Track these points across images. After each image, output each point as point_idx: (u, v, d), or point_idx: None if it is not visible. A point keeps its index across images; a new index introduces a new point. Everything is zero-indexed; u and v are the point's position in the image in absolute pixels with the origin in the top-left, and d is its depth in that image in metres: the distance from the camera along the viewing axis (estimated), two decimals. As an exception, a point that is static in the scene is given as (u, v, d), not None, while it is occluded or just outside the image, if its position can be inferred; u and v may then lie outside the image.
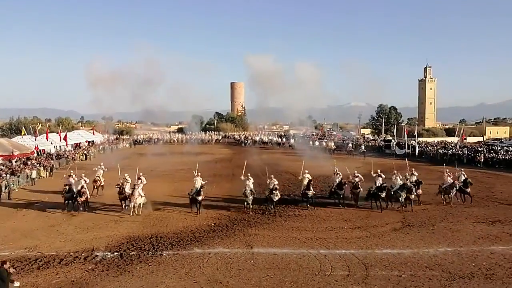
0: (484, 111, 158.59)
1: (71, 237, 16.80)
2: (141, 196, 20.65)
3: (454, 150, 50.49)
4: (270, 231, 17.41)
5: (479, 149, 51.63)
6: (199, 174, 22.15)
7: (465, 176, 23.28)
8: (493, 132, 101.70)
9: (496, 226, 18.19)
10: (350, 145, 59.91)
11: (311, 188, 22.41)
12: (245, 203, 21.10)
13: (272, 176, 22.78)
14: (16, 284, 10.70)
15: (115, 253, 14.66)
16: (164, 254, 14.60)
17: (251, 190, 21.26)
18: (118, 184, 21.57)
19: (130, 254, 14.60)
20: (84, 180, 22.27)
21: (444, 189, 22.85)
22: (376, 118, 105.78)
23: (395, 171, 23.29)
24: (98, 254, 14.61)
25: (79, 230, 17.74)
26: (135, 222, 18.91)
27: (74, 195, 21.22)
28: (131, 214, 20.08)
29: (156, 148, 68.39)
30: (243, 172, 22.93)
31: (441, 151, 50.88)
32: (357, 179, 22.88)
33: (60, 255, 14.49)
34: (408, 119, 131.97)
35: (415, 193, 21.76)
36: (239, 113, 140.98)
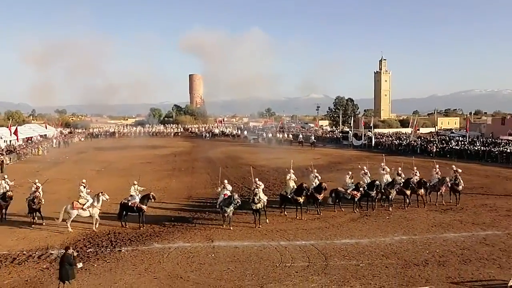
0: (435, 103, 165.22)
1: (24, 235, 16.18)
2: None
3: (408, 140, 52.17)
4: (231, 225, 17.34)
5: (431, 139, 53.57)
6: (136, 182, 18.18)
7: (458, 172, 21.02)
8: (444, 123, 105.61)
9: (448, 214, 18.94)
10: (301, 136, 61.53)
11: (303, 193, 18.32)
12: (225, 216, 17.06)
13: (257, 179, 18.58)
14: (80, 265, 11.28)
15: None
16: (123, 250, 14.31)
17: (231, 199, 16.80)
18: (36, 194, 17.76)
19: (87, 251, 14.23)
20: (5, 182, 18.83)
21: (432, 187, 20.93)
22: (334, 110, 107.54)
23: (383, 164, 21.89)
24: (53, 252, 14.16)
25: (33, 228, 17.09)
26: (92, 218, 18.34)
27: None
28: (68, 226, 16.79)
29: (112, 142, 67.01)
30: (219, 180, 19.17)
31: (396, 142, 52.46)
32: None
33: (12, 254, 13.97)
34: (365, 110, 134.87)
35: (422, 191, 20.10)
36: (198, 105, 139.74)
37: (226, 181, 18.56)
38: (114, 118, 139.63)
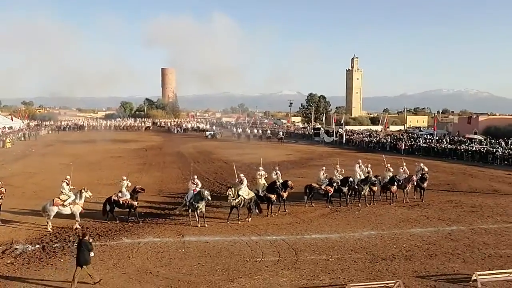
0: (405, 101, 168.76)
1: (-13, 230, 15.64)
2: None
3: (378, 138, 53.08)
4: (202, 219, 17.22)
5: (401, 137, 54.72)
6: (125, 178, 17.56)
7: (424, 170, 21.82)
8: (413, 121, 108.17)
9: (415, 210, 19.37)
10: (269, 131, 62.56)
11: (275, 191, 18.28)
12: (197, 212, 16.47)
13: (242, 174, 18.08)
14: (92, 254, 11.06)
15: (37, 246, 13.87)
16: (91, 246, 14.00)
17: (201, 194, 16.20)
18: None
19: (53, 246, 13.88)
20: None
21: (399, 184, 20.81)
22: (306, 107, 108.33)
23: (359, 161, 22.06)
24: (17, 247, 13.77)
25: (-4, 223, 16.53)
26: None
27: None
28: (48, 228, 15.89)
29: (81, 135, 65.71)
30: (191, 175, 18.56)
31: (366, 139, 53.29)
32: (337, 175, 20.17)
33: (-26, 249, 13.47)
34: (336, 107, 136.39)
35: (394, 188, 20.40)
36: (170, 99, 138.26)
37: (196, 177, 18.24)
38: (83, 111, 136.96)
